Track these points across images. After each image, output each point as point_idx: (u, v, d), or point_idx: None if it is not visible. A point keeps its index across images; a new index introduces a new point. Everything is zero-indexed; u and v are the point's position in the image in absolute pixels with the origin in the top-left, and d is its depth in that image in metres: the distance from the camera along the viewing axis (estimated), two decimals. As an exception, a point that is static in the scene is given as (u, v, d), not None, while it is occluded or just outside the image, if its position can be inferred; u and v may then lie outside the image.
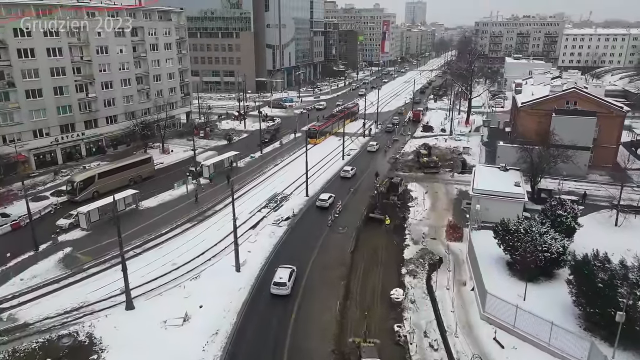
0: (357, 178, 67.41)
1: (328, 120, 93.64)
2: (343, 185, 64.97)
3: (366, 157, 78.54)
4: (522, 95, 75.22)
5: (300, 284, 39.89)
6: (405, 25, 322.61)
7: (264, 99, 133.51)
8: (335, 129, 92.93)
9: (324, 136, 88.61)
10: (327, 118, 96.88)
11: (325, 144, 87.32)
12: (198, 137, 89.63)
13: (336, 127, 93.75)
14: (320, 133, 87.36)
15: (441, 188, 62.86)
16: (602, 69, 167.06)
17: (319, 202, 56.99)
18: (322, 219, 53.20)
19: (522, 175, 57.01)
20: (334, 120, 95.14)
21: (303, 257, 44.55)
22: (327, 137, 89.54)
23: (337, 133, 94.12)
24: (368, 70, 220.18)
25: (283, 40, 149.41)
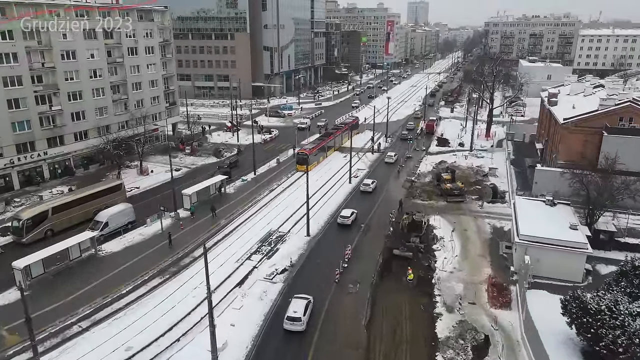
0: (368, 210, 56.37)
1: (322, 141, 77.33)
2: (357, 205, 54.10)
3: (376, 179, 67.43)
4: (560, 108, 64.27)
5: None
6: (408, 26, 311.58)
7: (260, 106, 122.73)
8: (331, 151, 79.96)
9: (317, 161, 73.63)
10: (321, 137, 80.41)
11: (329, 162, 76.32)
12: (184, 153, 78.89)
13: (331, 149, 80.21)
14: (312, 158, 71.35)
15: (470, 223, 51.90)
16: (624, 72, 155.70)
17: (340, 220, 52.23)
18: (327, 269, 42.18)
19: (573, 211, 46.20)
20: (330, 139, 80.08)
21: (301, 337, 33.55)
22: (322, 160, 75.87)
23: (343, 149, 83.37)
24: (372, 73, 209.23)
25: (282, 42, 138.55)
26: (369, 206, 57.49)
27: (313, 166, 70.43)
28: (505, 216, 53.58)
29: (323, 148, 76.87)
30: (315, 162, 72.48)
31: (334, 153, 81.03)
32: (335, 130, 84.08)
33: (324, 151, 76.94)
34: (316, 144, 75.01)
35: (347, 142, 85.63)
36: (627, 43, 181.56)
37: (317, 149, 73.47)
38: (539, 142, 74.93)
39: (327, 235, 49.27)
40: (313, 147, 72.68)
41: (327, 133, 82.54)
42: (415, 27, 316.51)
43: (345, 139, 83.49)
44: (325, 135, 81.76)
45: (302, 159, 69.04)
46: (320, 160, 75.05)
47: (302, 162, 68.03)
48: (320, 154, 75.46)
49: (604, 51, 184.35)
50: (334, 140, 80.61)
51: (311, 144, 75.47)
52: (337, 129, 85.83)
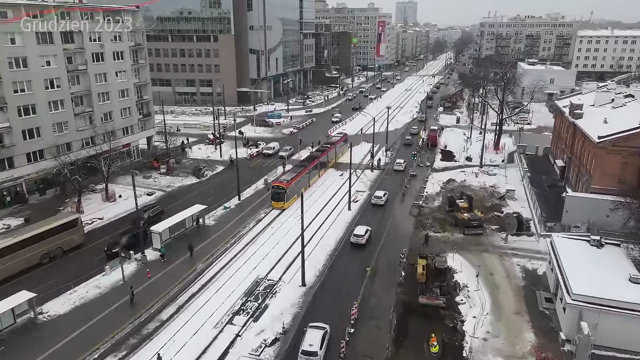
0: (373, 247, 47.70)
1: (304, 168, 62.72)
2: (355, 253, 45.46)
3: (377, 207, 58.82)
4: (587, 122, 56.42)
5: None
6: (398, 26, 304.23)
7: (246, 114, 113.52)
8: (313, 180, 66.01)
9: (296, 195, 57.39)
10: (303, 163, 65.04)
11: (322, 182, 67.56)
12: (159, 172, 69.51)
13: (315, 176, 66.90)
14: (291, 192, 57.38)
15: (495, 264, 43.58)
16: (626, 75, 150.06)
17: (354, 239, 47.38)
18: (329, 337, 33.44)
19: (626, 254, 38.20)
20: (313, 164, 65.58)
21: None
22: (305, 189, 61.22)
23: (338, 164, 74.71)
24: (363, 76, 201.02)
25: (269, 44, 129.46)
26: (373, 241, 48.84)
27: (293, 201, 57.42)
28: (535, 253, 45.53)
29: (303, 179, 61.89)
30: (295, 196, 57.40)
31: (329, 170, 72.29)
32: (320, 153, 70.27)
33: (305, 183, 62.88)
34: (296, 173, 60.70)
35: (342, 158, 77.35)
36: (627, 44, 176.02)
37: (297, 180, 59.31)
38: (559, 159, 67.01)
39: (327, 285, 40.58)
40: (292, 178, 58.33)
41: (312, 156, 68.30)
42: (405, 28, 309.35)
43: (331, 160, 73.81)
44: (308, 159, 67.18)
45: (278, 194, 56.35)
46: (305, 188, 61.49)
47: (279, 198, 56.21)
48: (302, 184, 61.34)
49: (603, 53, 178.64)
50: (319, 164, 67.78)
51: (289, 174, 61.04)
52: (323, 150, 72.06)
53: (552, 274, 38.76)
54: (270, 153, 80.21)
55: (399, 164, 73.14)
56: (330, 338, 32.48)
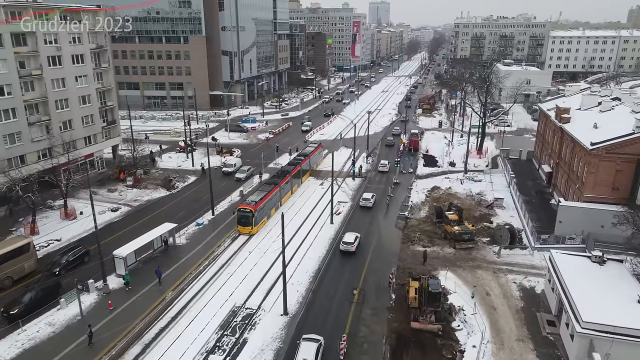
0: (359, 266, 44.26)
1: (274, 186, 56.09)
2: (340, 273, 41.92)
3: (362, 218, 55.61)
4: (576, 127, 54.44)
5: None
6: (373, 27, 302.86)
7: (219, 118, 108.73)
8: (285, 197, 59.53)
9: (265, 217, 52.80)
10: (273, 180, 58.81)
11: (302, 193, 63.83)
12: (125, 184, 64.43)
13: (287, 193, 60.44)
14: (259, 214, 50.85)
15: (490, 282, 40.77)
16: (600, 76, 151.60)
17: (343, 247, 46.28)
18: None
19: (631, 271, 35.88)
20: (285, 180, 58.99)
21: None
22: (273, 212, 54.92)
23: (318, 173, 71.15)
24: (339, 77, 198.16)
25: (242, 46, 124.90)
26: (360, 258, 45.47)
27: (262, 224, 51.71)
28: (530, 268, 43.06)
29: (272, 200, 54.82)
30: (265, 218, 52.56)
31: (308, 179, 68.62)
32: (292, 167, 63.73)
33: (274, 204, 55.82)
34: (265, 191, 54.05)
35: (321, 166, 73.93)
36: (598, 45, 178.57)
37: (268, 198, 53.00)
38: (545, 164, 65.13)
39: (311, 313, 36.91)
40: (261, 199, 51.45)
41: (283, 171, 61.77)
42: (380, 28, 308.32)
43: (306, 174, 68.06)
44: (279, 175, 60.59)
45: (246, 218, 49.28)
46: (273, 212, 55.04)
47: (246, 222, 49.31)
48: (271, 205, 54.58)
49: (575, 53, 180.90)
50: (290, 180, 61.29)
51: (257, 194, 53.63)
52: (295, 163, 65.52)
53: (553, 294, 36.15)
54: (230, 172, 69.34)
55: (383, 165, 73.25)
56: (324, 350, 31.29)
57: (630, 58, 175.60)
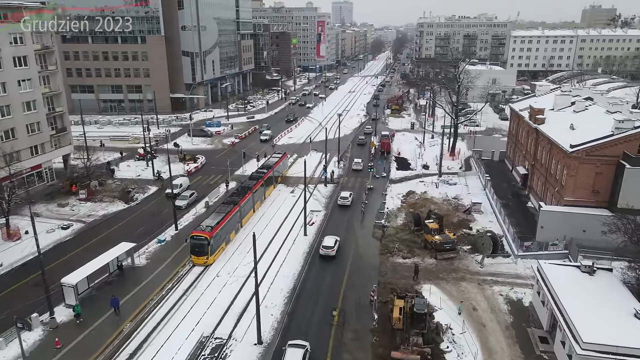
0: (337, 282, 41.20)
1: (233, 206, 49.07)
2: (317, 293, 38.76)
3: (337, 228, 52.62)
4: (552, 129, 53.34)
5: None
6: (337, 26, 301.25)
7: (181, 122, 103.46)
8: (246, 218, 52.84)
9: (224, 243, 46.29)
10: (232, 199, 51.21)
11: (272, 202, 60.25)
12: (77, 198, 59.06)
13: (249, 212, 53.85)
14: (216, 241, 44.03)
15: (476, 295, 38.58)
16: (561, 74, 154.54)
17: (323, 251, 45.00)
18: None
19: (622, 280, 34.36)
20: (245, 199, 51.91)
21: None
22: (233, 236, 48.87)
23: (288, 179, 67.75)
24: (305, 77, 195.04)
25: (204, 46, 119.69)
26: (337, 273, 42.43)
27: (220, 251, 45.14)
28: (514, 278, 41.29)
29: (230, 224, 47.91)
30: (223, 244, 46.05)
31: (278, 186, 65.09)
32: (254, 181, 56.46)
33: (233, 228, 49.56)
34: (222, 213, 46.97)
35: (292, 170, 70.61)
36: (557, 44, 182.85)
37: (226, 222, 46.25)
38: (520, 165, 64.10)
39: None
40: (217, 223, 44.64)
41: (244, 187, 54.63)
42: (344, 28, 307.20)
43: (269, 188, 61.59)
44: (238, 192, 53.39)
45: (200, 246, 42.36)
46: (232, 237, 48.64)
47: (201, 252, 42.43)
48: (229, 229, 47.80)
49: (535, 52, 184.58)
50: (252, 197, 54.04)
51: (213, 217, 46.33)
52: (257, 177, 58.08)
53: (544, 307, 34.23)
54: (175, 194, 56.63)
55: (358, 164, 73.27)
56: (311, 356, 30.56)
57: (588, 57, 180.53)
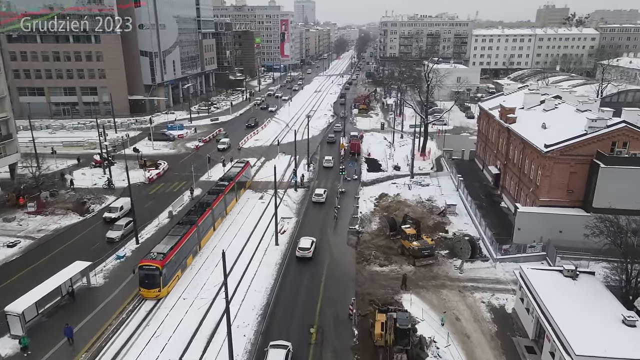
0: (314, 296, 38.86)
1: (190, 227, 43.17)
2: (293, 308, 36.30)
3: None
4: (523, 127, 52.91)
5: None
6: (300, 25, 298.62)
7: (141, 126, 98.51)
8: (205, 238, 47.10)
9: (180, 270, 40.45)
10: (189, 219, 45.16)
11: (240, 210, 57.29)
12: (25, 211, 54.25)
13: (208, 231, 48.16)
14: (170, 270, 38.17)
15: (458, 304, 37.14)
16: (522, 72, 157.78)
17: (299, 253, 44.02)
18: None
19: (604, 285, 33.59)
20: (203, 218, 46.09)
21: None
22: (190, 261, 43.04)
23: (256, 185, 64.89)
24: (269, 77, 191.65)
25: (163, 45, 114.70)
26: (313, 285, 40.14)
27: (175, 281, 39.17)
28: (495, 283, 40.25)
29: (187, 249, 42.08)
30: (179, 273, 40.06)
31: (245, 193, 62.14)
32: (214, 197, 50.82)
33: (222, 208, 50.18)
34: (176, 238, 40.64)
35: (261, 174, 67.86)
36: (516, 42, 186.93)
37: (181, 247, 40.32)
38: (491, 165, 63.68)
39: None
40: (171, 249, 38.70)
41: (202, 204, 48.70)
42: (308, 27, 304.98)
43: (231, 202, 55.89)
44: (196, 210, 47.35)
45: (151, 277, 36.54)
46: (190, 260, 42.97)
47: (152, 284, 36.61)
48: (189, 248, 42.66)
49: (496, 50, 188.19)
50: (212, 215, 48.63)
51: (166, 241, 40.22)
52: (217, 192, 52.12)
53: (529, 315, 33.08)
54: (114, 217, 51.48)
55: (328, 161, 73.81)
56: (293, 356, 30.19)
57: (545, 55, 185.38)
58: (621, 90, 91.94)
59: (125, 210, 52.99)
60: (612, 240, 32.30)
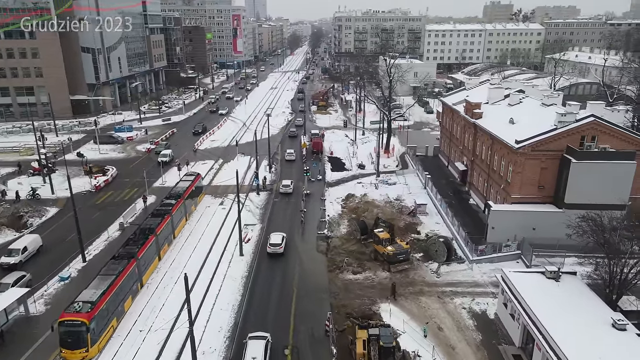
0: (285, 312, 35.81)
1: (125, 266, 35.27)
2: (264, 325, 33.13)
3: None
4: (490, 122, 52.00)
5: None
6: (252, 20, 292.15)
7: (85, 128, 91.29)
8: (147, 275, 39.17)
9: (115, 319, 32.97)
10: (128, 251, 37.53)
11: (199, 218, 53.16)
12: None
13: (151, 265, 40.20)
14: (100, 323, 30.78)
15: (438, 312, 35.27)
16: (475, 67, 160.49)
17: (270, 249, 43.14)
18: None
19: (586, 286, 32.61)
20: (142, 251, 38.20)
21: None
22: (128, 305, 35.50)
23: (216, 189, 60.88)
24: (223, 74, 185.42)
25: (107, 41, 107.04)
26: (284, 300, 37.05)
27: (108, 335, 31.83)
28: (473, 286, 38.84)
29: (121, 295, 34.11)
30: (114, 321, 32.70)
31: (204, 199, 57.98)
32: (159, 219, 43.22)
33: (168, 233, 43.91)
34: (109, 280, 32.94)
35: (221, 177, 63.86)
36: (467, 37, 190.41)
37: (113, 293, 32.48)
38: (458, 161, 62.72)
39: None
40: (101, 297, 31.19)
41: (143, 230, 41.04)
42: (260, 22, 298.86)
43: (180, 224, 48.24)
44: (136, 239, 39.48)
45: (73, 335, 29.37)
46: (127, 306, 35.24)
47: (76, 343, 29.35)
48: (126, 290, 34.79)
49: (449, 45, 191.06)
50: (156, 242, 41.02)
51: (96, 284, 32.67)
52: (163, 213, 44.58)
53: (515, 322, 31.57)
54: (11, 264, 40.41)
55: (290, 154, 74.29)
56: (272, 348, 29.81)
57: (495, 50, 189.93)
58: (572, 83, 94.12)
59: (31, 252, 42.57)
60: (595, 239, 31.24)
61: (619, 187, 41.19)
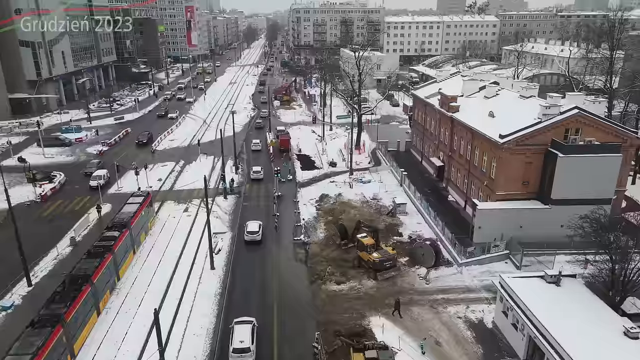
0: (267, 332, 32.20)
1: (54, 330, 26.10)
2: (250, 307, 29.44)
3: (250, 252, 43.32)
4: (468, 116, 50.06)
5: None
6: (205, 12, 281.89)
7: (27, 130, 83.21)
8: (86, 328, 30.67)
9: None
10: (51, 311, 28.01)
11: (163, 224, 48.33)
12: None
13: (90, 318, 31.39)
14: (56, 352, 25.54)
15: (431, 321, 32.76)
16: (436, 58, 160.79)
17: (248, 237, 43.69)
18: None
19: (588, 289, 30.90)
20: (80, 301, 29.80)
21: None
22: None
23: (179, 194, 56.01)
24: (177, 69, 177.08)
25: (49, 34, 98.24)
26: (263, 320, 33.38)
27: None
28: (465, 292, 36.62)
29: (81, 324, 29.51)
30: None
31: (166, 205, 53.04)
32: (96, 263, 33.78)
33: (126, 251, 38.79)
34: (34, 349, 24.43)
35: (186, 180, 59.00)
36: (426, 29, 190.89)
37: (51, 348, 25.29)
38: (433, 156, 60.67)
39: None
40: (40, 351, 24.34)
41: (76, 276, 32.03)
42: (215, 15, 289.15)
43: (126, 261, 39.36)
44: (69, 290, 30.42)
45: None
46: None
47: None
48: (57, 357, 26.09)
49: (408, 37, 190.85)
50: (93, 290, 31.93)
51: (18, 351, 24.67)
52: (103, 251, 35.43)
53: (518, 333, 29.40)
54: None
55: (256, 144, 74.71)
56: None
57: (453, 41, 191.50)
58: (535, 74, 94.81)
59: None
60: (599, 241, 29.48)
61: (605, 181, 40.23)
